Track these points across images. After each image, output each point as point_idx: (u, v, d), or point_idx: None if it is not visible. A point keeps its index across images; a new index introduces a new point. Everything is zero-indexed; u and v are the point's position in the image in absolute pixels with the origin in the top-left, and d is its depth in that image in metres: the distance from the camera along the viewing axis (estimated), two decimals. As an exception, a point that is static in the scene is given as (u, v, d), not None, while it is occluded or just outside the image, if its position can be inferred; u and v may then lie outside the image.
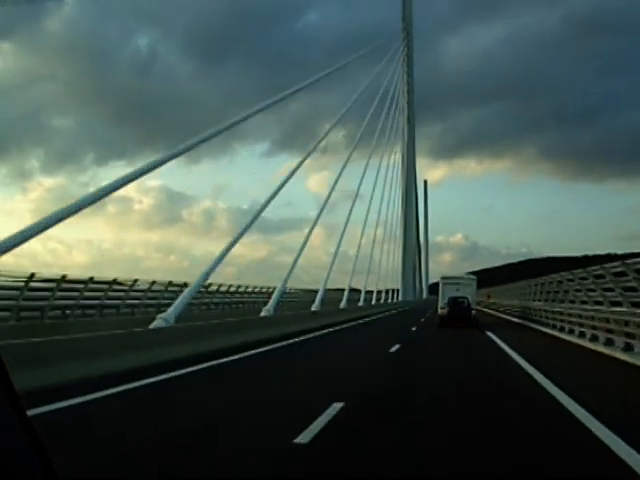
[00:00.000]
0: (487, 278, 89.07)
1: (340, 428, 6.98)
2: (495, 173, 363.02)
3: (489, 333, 24.17)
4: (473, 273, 55.76)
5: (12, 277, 20.53)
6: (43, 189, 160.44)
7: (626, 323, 15.67)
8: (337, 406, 8.04)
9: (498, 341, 20.50)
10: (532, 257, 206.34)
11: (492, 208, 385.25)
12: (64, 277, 21.95)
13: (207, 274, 19.70)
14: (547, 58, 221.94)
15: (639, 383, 11.82)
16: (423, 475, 5.33)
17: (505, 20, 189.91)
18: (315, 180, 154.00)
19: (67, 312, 23.23)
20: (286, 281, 27.05)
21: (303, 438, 6.25)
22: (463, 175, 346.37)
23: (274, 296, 24.52)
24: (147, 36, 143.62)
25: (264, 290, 42.33)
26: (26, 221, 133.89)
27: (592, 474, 5.39)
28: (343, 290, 46.88)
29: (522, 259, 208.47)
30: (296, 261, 28.31)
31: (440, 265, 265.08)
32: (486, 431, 7.13)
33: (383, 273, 60.39)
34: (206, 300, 34.41)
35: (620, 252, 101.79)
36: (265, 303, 24.43)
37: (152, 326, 14.70)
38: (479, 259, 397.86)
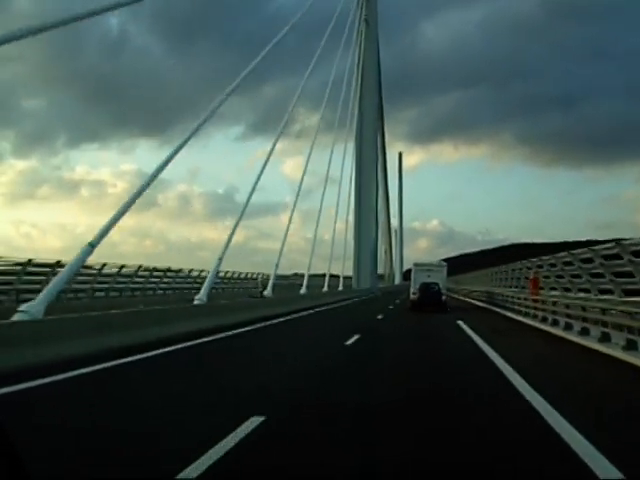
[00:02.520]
0: (463, 264, 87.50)
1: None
2: (471, 159, 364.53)
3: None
4: (449, 259, 53.88)
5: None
6: (15, 172, 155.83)
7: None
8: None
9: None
10: (508, 243, 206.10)
11: (468, 194, 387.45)
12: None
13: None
14: (524, 43, 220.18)
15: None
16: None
17: (482, 3, 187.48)
18: (290, 165, 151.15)
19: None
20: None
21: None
22: (439, 161, 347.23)
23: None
24: (117, 15, 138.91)
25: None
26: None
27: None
28: (322, 275, 47.11)
29: (498, 245, 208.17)
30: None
31: (416, 251, 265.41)
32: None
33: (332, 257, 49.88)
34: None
35: (601, 239, 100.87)
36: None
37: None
38: (455, 245, 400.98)
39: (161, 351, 11.77)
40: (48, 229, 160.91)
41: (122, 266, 29.98)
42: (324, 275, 47.65)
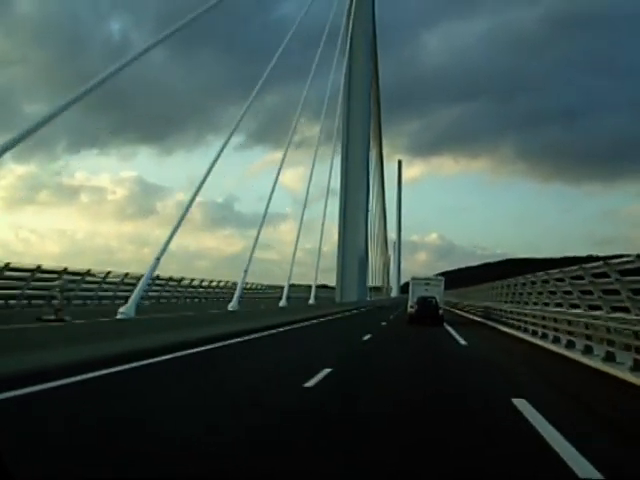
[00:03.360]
0: (462, 278, 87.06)
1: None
2: (471, 173, 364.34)
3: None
4: (448, 272, 53.93)
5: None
6: (14, 177, 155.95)
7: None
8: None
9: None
10: (507, 258, 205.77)
11: (468, 208, 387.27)
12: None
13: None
14: (525, 57, 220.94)
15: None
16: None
17: (484, 16, 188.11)
18: (290, 175, 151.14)
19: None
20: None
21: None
22: (439, 174, 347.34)
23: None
24: (119, 21, 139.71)
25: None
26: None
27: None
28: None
29: (498, 260, 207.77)
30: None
31: (415, 264, 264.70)
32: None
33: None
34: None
35: (602, 254, 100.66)
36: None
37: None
38: (454, 259, 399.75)
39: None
40: (47, 234, 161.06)
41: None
42: (320, 286, 43.82)
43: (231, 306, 23.08)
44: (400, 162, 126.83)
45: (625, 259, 12.06)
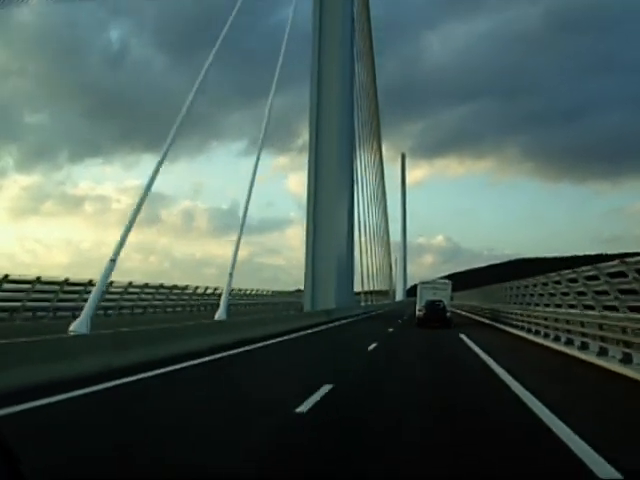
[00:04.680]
0: (470, 280, 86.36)
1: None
2: (477, 173, 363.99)
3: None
4: (455, 275, 53.63)
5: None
6: (19, 187, 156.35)
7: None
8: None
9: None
10: (515, 258, 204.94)
11: (474, 209, 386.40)
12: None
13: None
14: (529, 56, 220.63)
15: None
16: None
17: (487, 15, 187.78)
18: (294, 180, 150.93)
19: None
20: None
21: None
22: (444, 175, 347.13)
23: None
24: (119, 29, 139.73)
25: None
26: (2, 220, 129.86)
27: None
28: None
29: (505, 260, 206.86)
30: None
31: (421, 267, 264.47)
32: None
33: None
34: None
35: (610, 252, 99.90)
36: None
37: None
38: (461, 261, 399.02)
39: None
40: (53, 244, 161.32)
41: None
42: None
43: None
44: (404, 155, 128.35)
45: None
